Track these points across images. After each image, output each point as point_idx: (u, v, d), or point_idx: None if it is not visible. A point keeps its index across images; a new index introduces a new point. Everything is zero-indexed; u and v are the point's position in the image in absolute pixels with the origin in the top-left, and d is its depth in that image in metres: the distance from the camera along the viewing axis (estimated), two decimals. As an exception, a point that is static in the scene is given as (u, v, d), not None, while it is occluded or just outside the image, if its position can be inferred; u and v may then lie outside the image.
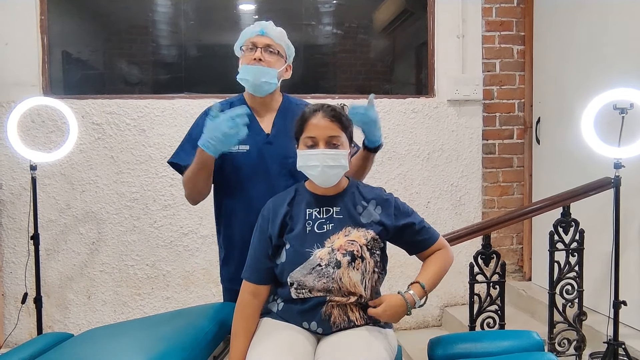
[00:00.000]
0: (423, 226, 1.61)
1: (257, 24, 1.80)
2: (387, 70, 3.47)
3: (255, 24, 1.80)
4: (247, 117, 1.60)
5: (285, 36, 1.83)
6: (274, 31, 1.78)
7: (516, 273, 3.47)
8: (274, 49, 1.77)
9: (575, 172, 2.83)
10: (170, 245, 3.10)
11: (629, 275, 2.52)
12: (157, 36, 3.24)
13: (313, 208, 1.56)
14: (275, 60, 1.77)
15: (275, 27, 1.82)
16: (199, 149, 1.64)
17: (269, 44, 1.76)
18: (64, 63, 3.13)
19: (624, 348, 2.29)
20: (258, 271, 1.57)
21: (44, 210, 2.97)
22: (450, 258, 1.64)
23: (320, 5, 3.36)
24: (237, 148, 1.77)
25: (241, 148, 1.78)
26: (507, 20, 3.39)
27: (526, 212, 2.51)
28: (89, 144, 3.02)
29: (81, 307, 3.06)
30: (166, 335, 1.56)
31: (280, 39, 1.81)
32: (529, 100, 3.40)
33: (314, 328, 1.52)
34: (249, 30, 1.80)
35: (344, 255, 1.49)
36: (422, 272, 1.60)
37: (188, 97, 3.10)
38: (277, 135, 1.81)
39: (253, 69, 1.74)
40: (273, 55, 1.77)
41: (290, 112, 1.84)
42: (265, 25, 1.78)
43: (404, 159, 3.30)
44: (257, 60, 1.73)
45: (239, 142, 1.72)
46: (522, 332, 1.64)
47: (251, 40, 1.77)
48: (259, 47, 1.75)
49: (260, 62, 1.73)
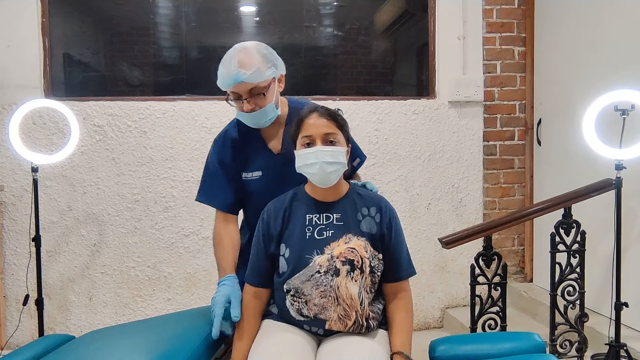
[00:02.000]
0: (408, 257, 1.60)
1: (227, 68, 1.60)
2: (388, 71, 3.48)
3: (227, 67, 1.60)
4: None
5: (263, 62, 1.62)
6: (247, 74, 1.58)
7: (517, 274, 3.46)
8: (260, 90, 1.62)
9: (576, 174, 2.83)
10: (171, 246, 3.10)
11: (631, 277, 2.52)
12: (159, 38, 3.24)
13: (313, 213, 1.55)
14: (265, 97, 1.64)
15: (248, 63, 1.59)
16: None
17: (250, 90, 1.62)
18: (66, 65, 3.14)
19: (626, 350, 2.29)
20: (259, 274, 1.57)
21: (46, 212, 2.97)
22: (412, 306, 1.60)
23: (321, 7, 3.36)
24: (251, 175, 1.75)
25: (254, 175, 1.75)
26: (508, 22, 3.39)
27: (527, 214, 2.51)
28: (90, 145, 3.02)
29: (82, 308, 3.06)
30: (168, 337, 1.56)
31: (258, 75, 1.60)
32: (530, 101, 3.40)
33: (315, 330, 1.53)
34: (222, 77, 1.62)
35: (344, 264, 1.48)
36: (397, 335, 1.52)
37: (189, 98, 3.10)
38: (289, 152, 1.67)
39: (250, 118, 1.67)
40: (260, 95, 1.63)
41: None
42: (237, 73, 1.58)
43: (405, 161, 3.30)
44: (249, 111, 1.64)
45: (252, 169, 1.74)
46: (523, 333, 1.63)
47: (233, 92, 1.64)
48: (243, 97, 1.63)
49: (254, 109, 1.64)
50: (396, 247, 1.57)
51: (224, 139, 1.80)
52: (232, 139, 1.78)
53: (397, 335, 1.52)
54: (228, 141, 1.78)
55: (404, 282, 1.59)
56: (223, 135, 1.81)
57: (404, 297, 1.57)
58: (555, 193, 2.49)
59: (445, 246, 2.33)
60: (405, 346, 1.50)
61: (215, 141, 1.81)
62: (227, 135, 1.80)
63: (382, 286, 1.59)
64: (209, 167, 1.81)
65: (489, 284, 2.31)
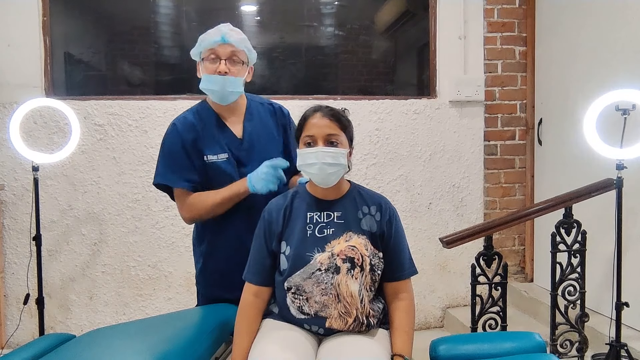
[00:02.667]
0: (410, 257, 1.60)
1: (217, 30, 1.73)
2: (388, 71, 3.48)
3: (215, 30, 1.74)
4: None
5: (246, 41, 1.78)
6: (235, 37, 1.72)
7: (518, 274, 3.46)
8: (238, 58, 1.74)
9: (577, 173, 2.83)
10: (172, 246, 3.10)
11: (632, 277, 2.51)
12: (159, 37, 3.25)
13: (314, 211, 1.56)
14: (239, 69, 1.75)
15: (235, 31, 1.75)
16: (245, 185, 1.72)
17: (232, 53, 1.72)
18: (66, 64, 3.14)
19: (627, 349, 2.29)
20: (259, 273, 1.57)
21: (46, 211, 2.97)
22: (414, 307, 1.59)
23: (322, 6, 3.36)
24: (217, 157, 1.77)
25: (220, 157, 1.78)
26: (509, 21, 3.39)
27: (528, 213, 2.50)
28: (91, 145, 3.02)
29: (83, 308, 3.06)
30: (168, 336, 1.57)
31: (242, 44, 1.75)
32: (530, 101, 3.40)
33: (315, 329, 1.53)
34: (208, 37, 1.73)
35: (344, 262, 1.48)
36: (399, 336, 1.52)
37: (190, 98, 3.10)
38: (251, 140, 1.81)
39: (219, 81, 1.72)
40: (237, 65, 1.74)
41: (257, 114, 1.86)
42: (226, 32, 1.71)
43: (406, 160, 3.30)
44: (223, 73, 1.71)
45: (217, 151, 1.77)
46: (524, 333, 1.63)
47: (213, 50, 1.72)
48: (222, 58, 1.71)
49: (226, 75, 1.71)
50: (397, 246, 1.57)
51: (184, 122, 1.80)
52: (192, 123, 1.79)
53: (398, 336, 1.52)
54: (188, 125, 1.79)
55: (406, 281, 1.59)
56: (182, 119, 1.82)
57: (405, 298, 1.57)
58: (556, 193, 2.48)
59: (446, 246, 2.33)
60: (406, 348, 1.50)
61: (174, 124, 1.81)
62: (187, 119, 1.81)
63: (384, 286, 1.59)
64: (166, 149, 1.80)
65: (490, 283, 2.31)
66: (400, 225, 1.60)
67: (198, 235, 1.91)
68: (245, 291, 1.58)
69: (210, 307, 1.87)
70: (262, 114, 1.87)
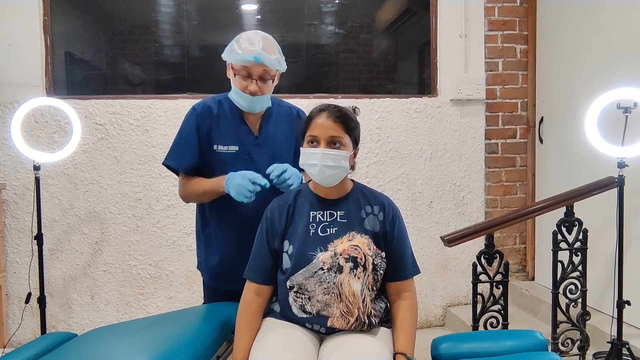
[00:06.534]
0: (412, 257, 1.60)
1: (251, 47, 1.70)
2: (389, 69, 3.47)
3: (249, 45, 1.71)
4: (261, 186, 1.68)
5: (279, 58, 1.77)
6: (268, 59, 1.71)
7: (519, 273, 3.46)
8: (269, 75, 1.75)
9: (578, 172, 2.83)
10: (173, 245, 3.10)
11: (633, 275, 2.51)
12: (160, 36, 3.24)
13: (317, 211, 1.56)
14: (269, 86, 1.78)
15: (269, 49, 1.72)
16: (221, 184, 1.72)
17: (264, 72, 1.73)
18: (67, 63, 3.14)
19: (628, 348, 2.29)
20: (261, 271, 1.57)
21: (48, 210, 2.98)
22: (417, 306, 1.60)
23: (323, 5, 3.36)
24: (227, 149, 1.79)
25: (230, 149, 1.80)
26: (510, 20, 3.38)
27: (529, 212, 2.50)
28: (92, 144, 3.03)
29: (84, 306, 3.06)
30: (169, 335, 1.57)
31: (278, 64, 1.76)
32: (532, 99, 3.40)
33: (317, 328, 1.53)
34: (243, 51, 1.71)
35: (347, 261, 1.48)
36: (401, 335, 1.52)
37: (191, 97, 3.10)
38: (266, 137, 1.83)
39: (249, 100, 1.76)
40: (268, 82, 1.76)
41: (276, 115, 1.88)
42: (259, 52, 1.69)
43: (407, 159, 3.30)
44: (254, 93, 1.73)
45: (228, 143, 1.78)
46: (525, 331, 1.63)
47: (246, 68, 1.72)
48: (254, 77, 1.73)
49: (257, 93, 1.74)
50: (399, 246, 1.57)
51: (203, 109, 1.83)
52: (210, 110, 1.82)
53: (400, 335, 1.52)
54: (206, 111, 1.82)
55: (408, 281, 1.59)
56: (202, 104, 1.84)
57: (408, 297, 1.57)
58: (557, 191, 2.48)
59: (447, 244, 2.33)
60: (409, 347, 1.50)
61: (193, 108, 1.84)
62: (207, 105, 1.83)
63: (386, 285, 1.59)
64: (181, 130, 1.84)
65: (491, 282, 2.31)
66: (403, 225, 1.60)
67: (202, 217, 1.91)
68: (246, 289, 1.58)
69: (212, 306, 1.87)
70: (280, 115, 1.90)
